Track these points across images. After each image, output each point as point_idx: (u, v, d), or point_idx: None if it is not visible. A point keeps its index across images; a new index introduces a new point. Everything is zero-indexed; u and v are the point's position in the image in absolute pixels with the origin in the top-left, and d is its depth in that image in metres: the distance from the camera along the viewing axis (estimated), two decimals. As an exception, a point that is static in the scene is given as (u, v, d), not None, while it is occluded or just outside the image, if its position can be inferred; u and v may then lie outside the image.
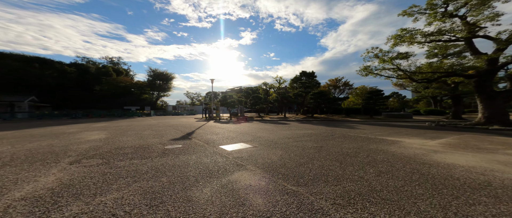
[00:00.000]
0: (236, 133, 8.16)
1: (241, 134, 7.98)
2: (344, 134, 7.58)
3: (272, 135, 7.65)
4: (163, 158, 4.02)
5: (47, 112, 23.07)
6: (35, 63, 26.37)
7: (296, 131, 9.00)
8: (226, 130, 9.61)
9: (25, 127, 12.21)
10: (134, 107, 33.57)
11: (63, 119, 21.58)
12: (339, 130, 9.32)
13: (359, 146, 5.16)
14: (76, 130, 9.80)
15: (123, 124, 14.17)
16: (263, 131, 9.12)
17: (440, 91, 17.46)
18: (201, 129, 10.27)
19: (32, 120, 20.13)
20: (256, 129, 9.82)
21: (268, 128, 10.62)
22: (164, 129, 9.99)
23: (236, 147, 5.24)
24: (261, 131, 9.14)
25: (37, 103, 26.32)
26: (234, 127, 11.36)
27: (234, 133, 8.16)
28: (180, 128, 10.81)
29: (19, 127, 12.30)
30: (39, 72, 25.91)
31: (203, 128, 10.55)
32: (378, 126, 11.26)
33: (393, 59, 11.96)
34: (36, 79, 25.45)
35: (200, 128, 10.54)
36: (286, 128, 10.24)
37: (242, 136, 7.41)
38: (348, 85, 39.00)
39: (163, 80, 41.92)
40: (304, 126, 11.43)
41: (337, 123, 13.85)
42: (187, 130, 9.71)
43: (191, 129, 9.97)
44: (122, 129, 10.23)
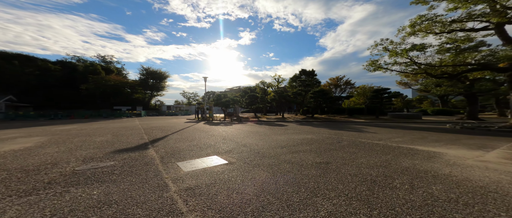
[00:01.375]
0: (218, 138, 6.49)
1: (224, 139, 6.31)
2: (354, 141, 5.90)
3: (263, 141, 5.97)
4: (30, 196, 2.34)
5: (22, 112, 21.28)
6: (14, 61, 24.60)
7: (293, 135, 7.33)
8: (209, 133, 7.94)
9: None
10: (124, 108, 31.81)
11: (38, 120, 19.85)
12: (345, 134, 7.65)
13: (384, 163, 3.48)
14: (14, 135, 8.10)
15: (93, 126, 12.46)
16: (254, 135, 7.45)
17: (453, 90, 15.83)
18: (180, 132, 8.58)
19: (4, 121, 18.38)
20: (246, 132, 8.15)
21: (261, 131, 8.95)
22: (131, 133, 8.29)
23: (202, 164, 3.55)
24: (251, 135, 7.46)
25: (16, 103, 24.46)
26: (222, 129, 9.69)
27: (216, 138, 6.49)
28: (156, 131, 9.12)
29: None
30: (18, 69, 24.15)
31: (183, 131, 8.86)
32: (390, 129, 9.58)
33: (408, 51, 10.28)
34: (14, 77, 23.69)
35: (180, 132, 8.85)
36: (282, 131, 8.57)
37: (224, 142, 5.73)
38: (349, 84, 37.38)
39: (157, 79, 40.06)
40: (303, 129, 9.76)
41: (340, 125, 12.19)
42: (161, 134, 8.02)
43: (166, 133, 8.28)
44: (74, 133, 8.53)
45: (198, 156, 4.13)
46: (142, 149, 4.82)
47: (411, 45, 10.38)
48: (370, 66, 11.98)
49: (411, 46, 10.35)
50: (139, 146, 5.24)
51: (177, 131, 9.19)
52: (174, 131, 9.19)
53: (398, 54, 10.51)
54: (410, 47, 10.35)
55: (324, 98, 19.66)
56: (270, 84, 31.66)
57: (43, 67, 26.52)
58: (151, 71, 38.29)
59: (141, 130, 9.48)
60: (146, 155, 4.21)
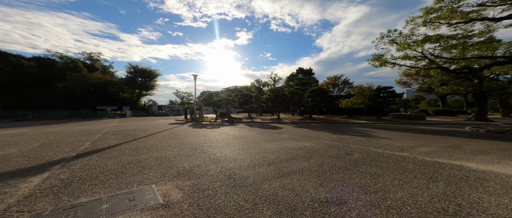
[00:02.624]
0: (187, 148, 4.90)
1: (194, 149, 4.73)
2: (368, 152, 4.42)
3: (246, 152, 4.43)
4: None
5: None
6: None
7: (287, 142, 5.80)
8: (184, 139, 6.33)
9: None
10: (109, 108, 29.59)
11: (2, 122, 17.67)
12: (352, 140, 6.17)
13: (444, 203, 1.97)
14: None
15: (46, 130, 10.66)
16: (238, 142, 5.89)
17: (460, 88, 14.70)
18: (149, 138, 6.93)
19: None
20: (230, 138, 6.59)
21: (250, 135, 7.40)
22: (77, 140, 6.61)
23: (102, 212, 1.96)
24: (235, 141, 5.90)
25: None
26: (204, 133, 8.09)
27: (185, 148, 4.90)
28: (117, 136, 7.45)
29: None
30: None
31: (154, 136, 7.21)
32: (401, 132, 8.18)
33: (423, 42, 8.87)
34: None
35: (150, 137, 7.20)
36: (274, 136, 7.04)
37: (190, 155, 4.15)
38: (347, 84, 36.28)
39: (146, 78, 37.70)
40: (299, 132, 8.26)
41: (342, 126, 10.76)
42: (119, 140, 6.36)
43: (128, 139, 6.63)
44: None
45: (122, 184, 2.53)
46: (36, 172, 3.17)
47: (424, 37, 9.02)
48: (375, 61, 10.62)
49: (423, 37, 8.99)
50: (44, 165, 3.57)
51: (147, 135, 7.53)
52: (144, 135, 7.52)
53: (410, 46, 9.13)
54: (422, 39, 8.99)
55: (323, 97, 18.29)
56: (265, 83, 30.18)
57: (15, 63, 23.80)
58: (140, 69, 35.86)
59: (98, 135, 7.77)
60: (25, 184, 2.58)
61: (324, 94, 18.49)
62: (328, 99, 18.52)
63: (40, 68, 24.96)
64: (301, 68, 26.34)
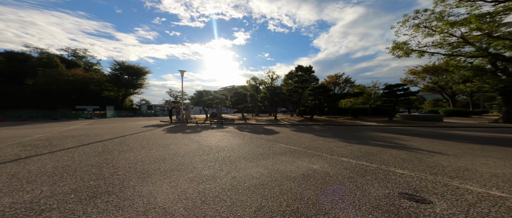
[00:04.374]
0: (99, 177, 2.66)
1: (105, 179, 2.49)
2: (448, 190, 2.23)
3: (197, 195, 2.20)
4: None
5: None
6: None
7: (283, 162, 3.64)
8: (121, 156, 4.09)
9: None
10: (91, 107, 27.01)
11: None
12: (387, 156, 4.03)
13: None
14: None
15: None
16: (206, 160, 3.70)
17: (483, 85, 12.70)
18: (72, 150, 4.69)
19: None
20: (198, 153, 4.38)
21: (231, 145, 5.20)
22: None
23: None
24: (201, 160, 3.71)
25: None
26: (173, 140, 5.86)
27: (96, 177, 2.66)
28: (39, 148, 5.17)
29: None
30: None
31: (88, 147, 4.96)
32: (444, 141, 6.06)
33: (480, 18, 6.59)
34: None
35: (81, 148, 4.95)
36: (265, 148, 4.86)
37: (66, 203, 1.90)
38: (349, 82, 34.23)
39: (133, 76, 34.86)
40: (301, 140, 6.08)
41: (352, 130, 8.63)
42: (32, 152, 4.10)
43: (36, 152, 4.37)
44: None
45: None
46: None
47: (476, 15, 6.73)
48: (397, 50, 8.49)
49: (475, 15, 6.72)
50: None
51: (83, 144, 5.26)
52: (74, 146, 5.26)
53: (455, 24, 6.90)
54: (473, 16, 6.66)
55: (326, 96, 16.16)
56: (262, 81, 27.99)
57: None
58: (126, 66, 32.96)
59: (14, 146, 5.48)
60: None
61: (327, 92, 16.38)
62: (332, 98, 16.40)
63: (9, 64, 22.26)
64: (301, 66, 24.23)
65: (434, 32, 7.44)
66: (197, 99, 18.38)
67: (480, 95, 31.21)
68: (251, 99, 18.72)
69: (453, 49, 8.04)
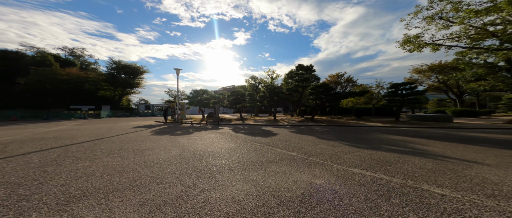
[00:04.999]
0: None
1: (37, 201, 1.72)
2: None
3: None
4: None
5: None
6: None
7: (278, 174, 2.85)
8: (68, 168, 3.32)
9: None
10: (86, 107, 26.36)
11: None
12: (410, 166, 3.24)
13: None
14: None
15: None
16: (182, 172, 2.94)
17: (498, 84, 11.79)
18: (28, 157, 3.94)
19: None
20: (176, 161, 3.61)
21: (220, 150, 4.44)
22: None
23: None
24: (177, 170, 2.94)
25: None
26: (154, 144, 5.10)
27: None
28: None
29: None
30: None
31: (50, 152, 4.22)
32: (469, 145, 5.23)
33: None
34: None
35: (38, 153, 4.20)
36: (258, 154, 4.08)
37: None
38: (351, 82, 33.34)
39: (130, 75, 34.16)
40: (301, 144, 5.29)
41: (359, 132, 7.81)
42: None
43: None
44: None
45: None
46: None
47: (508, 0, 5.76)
48: (408, 45, 7.64)
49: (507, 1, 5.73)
50: None
51: (48, 149, 4.50)
52: (37, 150, 4.50)
53: (480, 13, 6.00)
54: (504, 2, 5.68)
55: (328, 95, 15.33)
56: (262, 81, 27.22)
57: None
58: (123, 65, 32.19)
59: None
60: None
61: (329, 91, 15.55)
62: (334, 97, 15.56)
63: (3, 63, 21.58)
64: (301, 65, 23.43)
65: (451, 24, 6.62)
66: (194, 99, 17.64)
67: (486, 95, 30.13)
68: (250, 99, 17.95)
69: (473, 42, 7.18)
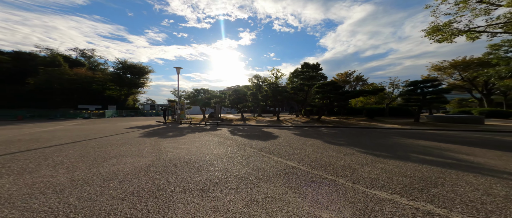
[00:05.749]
0: None
1: None
2: None
3: None
4: None
5: None
6: None
7: (261, 207, 1.90)
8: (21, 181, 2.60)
9: None
10: (93, 106, 26.86)
11: None
12: (465, 192, 2.18)
13: None
14: None
15: None
16: (130, 193, 2.05)
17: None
18: None
19: None
20: (141, 172, 2.78)
21: (201, 161, 3.59)
22: None
23: None
24: (118, 195, 2.07)
25: None
26: (135, 148, 4.37)
27: None
28: None
29: None
30: None
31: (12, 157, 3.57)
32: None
33: None
34: None
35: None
36: (249, 166, 3.18)
37: None
38: (361, 80, 31.38)
39: (136, 75, 34.53)
40: (305, 151, 4.32)
41: (375, 136, 6.64)
42: None
43: None
44: None
45: None
46: None
47: None
48: (435, 34, 6.38)
49: None
50: None
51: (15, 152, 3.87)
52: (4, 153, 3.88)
53: None
54: None
55: (336, 94, 14.05)
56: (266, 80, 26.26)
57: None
58: (129, 65, 32.69)
59: None
60: None
61: (338, 89, 14.28)
62: (343, 96, 14.25)
63: (15, 64, 22.53)
64: (307, 63, 22.23)
65: (494, 8, 5.30)
66: (194, 98, 17.06)
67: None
68: (253, 99, 17.06)
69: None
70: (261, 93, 16.95)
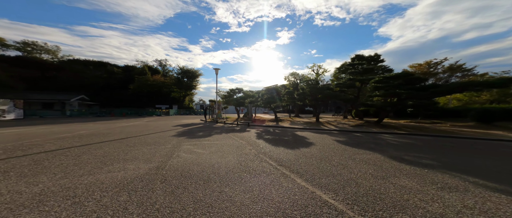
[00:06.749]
0: None
1: None
2: None
3: None
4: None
5: (75, 110, 25.53)
6: (90, 66, 31.49)
7: None
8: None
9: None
10: (164, 106, 34.30)
11: (86, 117, 22.90)
12: None
13: None
14: None
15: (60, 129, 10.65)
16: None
17: None
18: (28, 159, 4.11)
19: (59, 117, 21.93)
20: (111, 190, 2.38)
21: (192, 173, 2.87)
22: None
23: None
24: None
25: (86, 102, 28.76)
26: (149, 150, 4.44)
27: None
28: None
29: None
30: (91, 73, 29.89)
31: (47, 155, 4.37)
32: None
33: None
34: (88, 79, 29.20)
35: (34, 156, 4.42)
36: (237, 209, 2.09)
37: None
38: (460, 70, 21.28)
39: (190, 78, 40.37)
40: (350, 173, 2.73)
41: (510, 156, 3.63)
42: None
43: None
44: None
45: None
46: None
47: None
48: None
49: None
50: None
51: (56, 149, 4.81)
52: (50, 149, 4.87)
53: None
54: None
55: (411, 89, 9.76)
56: (305, 77, 23.50)
57: (110, 71, 32.21)
58: (185, 70, 39.98)
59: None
60: None
61: (413, 83, 10.02)
62: (427, 92, 9.52)
63: (124, 74, 33.09)
64: (360, 55, 17.66)
65: None
66: (229, 98, 17.55)
67: None
68: (288, 98, 15.42)
69: None
70: (297, 92, 14.97)
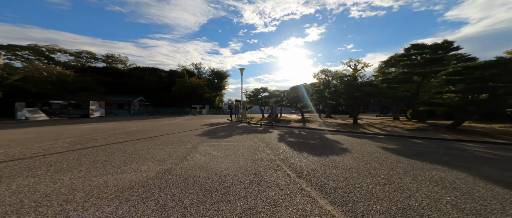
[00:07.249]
0: None
1: None
2: None
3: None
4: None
5: (136, 110, 31.61)
6: (146, 72, 37.79)
7: None
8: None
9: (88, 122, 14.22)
10: (198, 106, 37.89)
11: (142, 115, 27.58)
12: None
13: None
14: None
15: (108, 126, 12.59)
16: None
17: None
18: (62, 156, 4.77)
19: (126, 115, 27.36)
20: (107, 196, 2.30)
21: (194, 182, 2.57)
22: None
23: None
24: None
25: (144, 103, 34.96)
26: (168, 150, 4.61)
27: None
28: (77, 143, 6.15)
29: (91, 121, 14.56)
30: (146, 78, 35.95)
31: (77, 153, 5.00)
32: None
33: None
34: (144, 83, 35.17)
35: (69, 153, 5.08)
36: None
37: None
38: None
39: (219, 79, 42.64)
40: (405, 196, 1.76)
41: None
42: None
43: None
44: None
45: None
46: None
47: None
48: None
49: None
50: None
51: (95, 146, 5.52)
52: (91, 146, 5.60)
53: None
54: None
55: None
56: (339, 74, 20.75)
57: (159, 75, 37.99)
58: (215, 71, 42.82)
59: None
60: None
61: None
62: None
63: (169, 78, 38.84)
64: (420, 44, 14.02)
65: None
66: (254, 98, 17.32)
67: None
68: (317, 96, 13.81)
69: None
70: (329, 89, 13.16)
